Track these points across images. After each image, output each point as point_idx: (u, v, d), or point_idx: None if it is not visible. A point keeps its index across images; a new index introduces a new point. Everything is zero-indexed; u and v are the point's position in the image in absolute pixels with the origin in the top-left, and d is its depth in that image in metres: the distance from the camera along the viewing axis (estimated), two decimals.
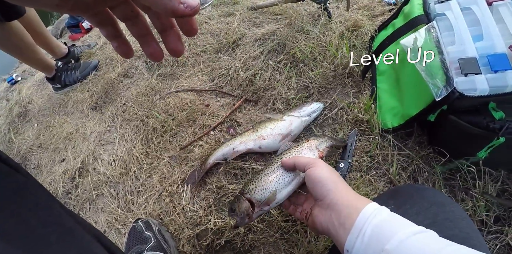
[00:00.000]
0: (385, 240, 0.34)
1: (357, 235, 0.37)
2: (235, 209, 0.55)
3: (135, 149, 1.00)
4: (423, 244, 0.33)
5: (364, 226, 0.37)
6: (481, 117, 0.51)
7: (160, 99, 1.11)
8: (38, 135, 1.35)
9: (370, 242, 0.36)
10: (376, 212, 0.38)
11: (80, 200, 0.98)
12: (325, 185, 0.44)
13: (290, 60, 0.98)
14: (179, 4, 0.21)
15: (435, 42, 0.57)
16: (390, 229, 0.35)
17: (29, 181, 0.39)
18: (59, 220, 0.39)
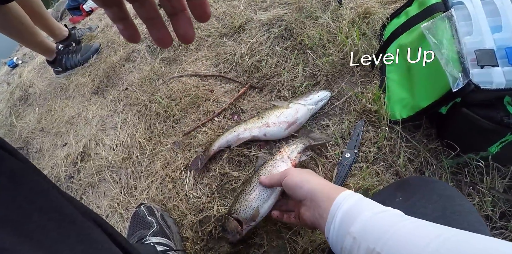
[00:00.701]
0: (350, 223, 0.37)
1: (331, 222, 0.40)
2: (226, 228, 0.62)
3: (138, 134, 0.99)
4: (383, 221, 0.35)
5: (336, 213, 0.40)
6: (495, 111, 0.50)
7: (163, 84, 1.09)
8: (39, 119, 1.34)
9: (340, 226, 0.38)
10: (347, 198, 0.41)
11: (83, 184, 0.98)
12: (301, 188, 0.49)
13: (297, 46, 0.95)
14: None
15: (453, 31, 0.55)
16: (356, 212, 0.38)
17: (25, 166, 0.38)
18: (57, 206, 0.38)
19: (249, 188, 0.63)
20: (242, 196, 0.63)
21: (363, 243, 0.34)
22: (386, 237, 0.32)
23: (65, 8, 2.17)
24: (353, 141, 0.70)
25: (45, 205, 0.36)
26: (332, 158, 0.71)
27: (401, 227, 0.33)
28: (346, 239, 0.36)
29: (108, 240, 0.42)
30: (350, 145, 0.70)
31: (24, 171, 0.36)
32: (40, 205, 0.35)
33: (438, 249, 0.27)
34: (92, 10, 2.00)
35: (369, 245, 0.33)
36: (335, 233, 0.39)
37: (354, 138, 0.70)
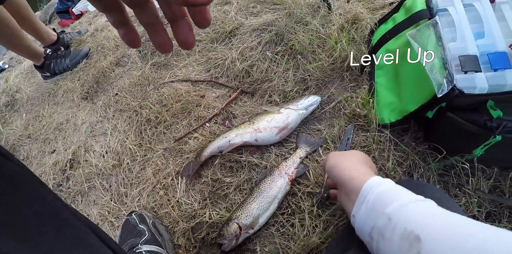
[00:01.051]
0: (386, 205, 0.38)
1: (362, 201, 0.41)
2: (223, 233, 0.64)
3: (128, 141, 0.98)
4: (423, 208, 0.36)
5: (368, 194, 0.41)
6: (479, 115, 0.51)
7: (154, 89, 1.08)
8: (27, 125, 1.31)
9: (373, 206, 0.39)
10: (380, 182, 0.42)
11: (72, 192, 0.96)
12: (331, 172, 0.52)
13: (288, 51, 0.96)
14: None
15: (437, 37, 0.57)
16: (392, 196, 0.39)
17: (22, 170, 0.38)
18: (53, 211, 0.37)
19: (251, 199, 0.67)
20: (244, 204, 0.67)
21: (400, 224, 0.34)
22: (427, 222, 0.33)
23: (54, 11, 2.14)
24: (343, 145, 0.71)
25: (43, 210, 0.36)
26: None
27: (444, 216, 0.34)
28: (379, 219, 0.37)
29: (103, 245, 0.42)
30: (340, 149, 0.71)
31: (20, 175, 0.36)
32: (37, 209, 0.35)
33: (480, 245, 0.28)
34: (82, 13, 1.98)
35: (406, 227, 0.33)
36: (365, 212, 0.40)
37: (344, 142, 0.71)
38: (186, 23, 0.25)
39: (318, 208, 0.63)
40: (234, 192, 0.75)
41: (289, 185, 0.69)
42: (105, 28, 1.61)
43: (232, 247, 0.64)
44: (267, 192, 0.67)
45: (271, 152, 0.78)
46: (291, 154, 0.74)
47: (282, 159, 0.76)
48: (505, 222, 0.54)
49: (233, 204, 0.73)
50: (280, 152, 0.78)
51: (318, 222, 0.61)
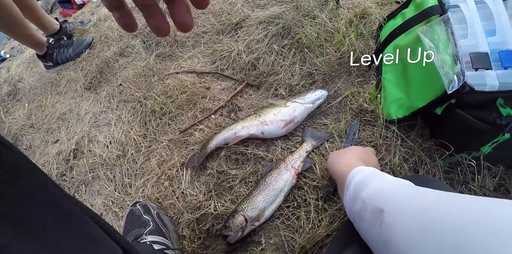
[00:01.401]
0: (362, 189, 0.41)
1: (346, 191, 0.45)
2: (229, 225, 0.65)
3: (133, 131, 0.98)
4: (392, 187, 0.39)
5: (350, 183, 0.45)
6: (488, 112, 0.52)
7: (159, 80, 1.08)
8: (29, 114, 1.31)
9: (353, 193, 0.43)
10: (361, 170, 0.46)
11: (76, 182, 0.96)
12: (330, 170, 0.57)
13: (294, 45, 0.96)
14: None
15: (449, 34, 0.57)
16: (367, 181, 0.43)
17: (22, 160, 0.37)
18: (55, 201, 0.37)
19: (257, 191, 0.68)
20: (250, 197, 0.68)
21: (370, 204, 0.37)
22: (391, 195, 0.36)
23: (56, 1, 2.11)
24: (349, 139, 0.71)
25: (44, 200, 0.35)
26: None
27: (407, 190, 0.36)
28: (356, 203, 0.40)
29: (106, 236, 0.42)
30: (346, 143, 0.71)
31: (20, 164, 0.35)
32: (38, 200, 0.35)
33: (440, 208, 0.30)
34: (84, 3, 1.95)
35: (374, 204, 0.37)
36: (349, 199, 0.43)
37: (350, 137, 0.72)
38: (183, 3, 0.24)
39: (324, 202, 0.64)
40: (240, 184, 0.75)
41: (295, 178, 0.69)
42: (108, 18, 1.58)
43: (237, 239, 0.64)
44: (273, 185, 0.68)
45: (277, 146, 0.78)
46: (297, 148, 0.75)
47: (288, 152, 0.76)
48: None
49: (238, 196, 0.73)
50: (286, 146, 0.78)
51: (324, 216, 0.62)
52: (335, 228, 0.59)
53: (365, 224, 0.38)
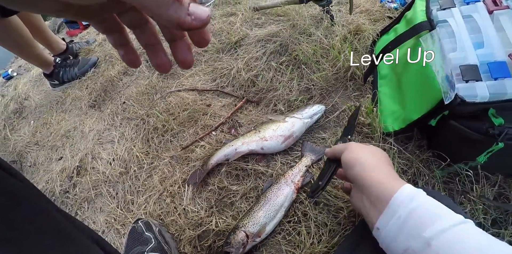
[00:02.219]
0: (424, 227, 0.34)
1: (391, 215, 0.37)
2: (230, 241, 0.64)
3: (135, 148, 0.99)
4: (466, 237, 0.33)
5: (399, 209, 0.37)
6: (481, 122, 0.53)
7: (161, 98, 1.10)
8: (34, 132, 1.33)
9: (405, 224, 0.36)
10: (412, 195, 0.38)
11: (78, 199, 0.97)
12: (352, 168, 0.45)
13: (292, 61, 0.99)
14: (186, 15, 0.18)
15: (439, 48, 0.59)
16: (430, 216, 0.35)
17: (24, 185, 0.38)
18: (55, 225, 0.38)
19: (257, 207, 0.68)
20: (251, 213, 0.67)
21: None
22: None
23: (62, 21, 2.20)
24: (349, 127, 0.65)
25: (45, 224, 0.37)
26: None
27: (496, 248, 0.32)
28: (416, 242, 0.35)
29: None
30: (345, 132, 0.65)
31: (22, 190, 0.37)
32: (40, 224, 0.36)
33: None
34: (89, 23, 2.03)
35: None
36: (396, 230, 0.37)
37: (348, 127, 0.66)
38: (185, 43, 0.25)
39: (316, 206, 0.64)
40: (241, 200, 0.76)
41: (295, 193, 0.69)
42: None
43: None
44: (273, 200, 0.68)
45: (277, 160, 0.79)
46: (296, 162, 0.75)
47: (288, 167, 0.77)
48: (511, 229, 0.55)
49: (239, 212, 0.73)
50: (286, 160, 0.79)
51: (324, 231, 0.62)
52: (336, 242, 0.59)
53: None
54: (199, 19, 0.19)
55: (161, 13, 0.18)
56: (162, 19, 0.19)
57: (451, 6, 0.66)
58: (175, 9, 0.18)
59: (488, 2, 0.62)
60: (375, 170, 0.43)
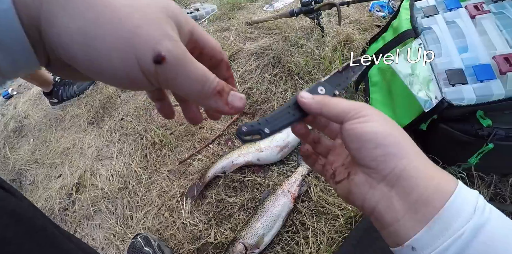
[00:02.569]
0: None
1: (441, 232, 0.22)
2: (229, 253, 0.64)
3: (134, 164, 1.00)
4: None
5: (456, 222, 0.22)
6: (470, 125, 0.53)
7: (158, 113, 1.12)
8: (34, 150, 1.34)
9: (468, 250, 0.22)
10: (482, 209, 0.23)
11: (78, 216, 0.96)
12: (382, 147, 0.26)
13: (285, 73, 1.01)
14: (224, 105, 0.21)
15: (424, 54, 0.60)
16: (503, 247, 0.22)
17: (23, 204, 0.40)
18: (54, 242, 0.39)
19: (255, 218, 0.68)
20: (249, 224, 0.67)
21: None
22: None
23: None
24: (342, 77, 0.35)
25: (43, 241, 0.38)
26: None
27: None
28: None
29: None
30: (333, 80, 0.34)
31: (23, 208, 0.38)
32: (38, 241, 0.37)
33: None
34: None
35: None
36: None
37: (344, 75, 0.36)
38: (195, 106, 0.28)
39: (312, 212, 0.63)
40: (239, 211, 0.75)
41: (292, 203, 0.69)
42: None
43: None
44: (271, 211, 0.68)
45: (273, 171, 0.79)
46: (293, 172, 0.76)
47: (284, 177, 0.77)
48: None
49: (237, 224, 0.73)
50: (282, 171, 0.79)
51: (322, 239, 0.61)
52: (334, 251, 0.58)
53: None
54: (236, 108, 0.22)
55: (203, 102, 0.21)
56: (202, 106, 0.22)
57: (435, 13, 0.68)
58: (215, 100, 0.21)
59: (470, 8, 0.64)
60: (419, 158, 0.26)
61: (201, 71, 0.20)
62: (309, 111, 0.30)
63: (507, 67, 0.51)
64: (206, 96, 0.21)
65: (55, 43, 0.18)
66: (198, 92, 0.20)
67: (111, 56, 0.18)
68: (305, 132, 0.33)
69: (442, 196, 0.23)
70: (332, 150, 0.33)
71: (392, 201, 0.25)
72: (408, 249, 0.24)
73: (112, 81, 0.20)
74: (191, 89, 0.20)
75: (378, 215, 0.26)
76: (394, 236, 0.25)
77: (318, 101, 0.29)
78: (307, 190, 0.71)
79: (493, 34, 0.58)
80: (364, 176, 0.27)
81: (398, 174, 0.25)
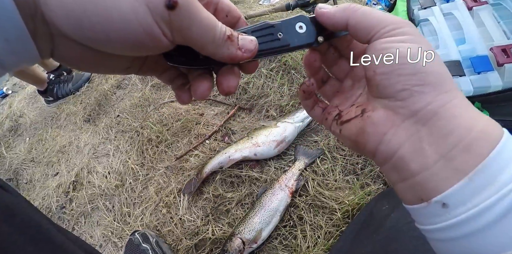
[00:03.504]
0: None
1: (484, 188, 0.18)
2: (227, 249, 0.64)
3: (130, 161, 0.99)
4: None
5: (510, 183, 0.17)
6: None
7: (154, 109, 1.11)
8: (30, 149, 1.33)
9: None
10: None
11: (75, 214, 0.96)
12: (421, 75, 0.20)
13: (282, 67, 1.00)
14: (237, 50, 0.21)
15: None
16: None
17: (17, 199, 0.40)
18: (48, 237, 0.39)
19: (252, 213, 0.68)
20: (246, 219, 0.67)
21: None
22: None
23: None
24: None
25: (38, 236, 0.38)
26: (323, 173, 0.72)
27: None
28: None
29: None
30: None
31: (16, 204, 0.38)
32: (33, 236, 0.37)
33: None
34: None
35: None
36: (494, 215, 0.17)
37: None
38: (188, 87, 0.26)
39: (315, 216, 0.63)
40: (236, 207, 0.75)
41: (290, 197, 0.69)
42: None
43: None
44: (268, 206, 0.68)
45: (271, 166, 0.79)
46: (290, 167, 0.75)
47: (282, 172, 0.77)
48: None
49: (235, 219, 0.73)
50: (280, 165, 0.79)
51: (320, 233, 0.61)
52: (331, 245, 0.58)
53: None
54: (249, 50, 0.21)
55: (216, 52, 0.20)
56: (217, 56, 0.21)
57: (432, 5, 0.68)
58: (228, 46, 0.20)
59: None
60: (462, 95, 0.21)
61: (211, 17, 0.19)
62: (331, 22, 0.23)
63: (504, 59, 0.51)
64: (219, 44, 0.20)
65: (57, 17, 0.17)
66: (211, 40, 0.19)
67: (121, 8, 0.16)
68: (318, 64, 0.27)
69: (488, 143, 0.18)
70: (339, 92, 0.28)
71: (421, 144, 0.20)
72: (437, 206, 0.18)
73: (124, 41, 0.18)
74: (205, 37, 0.19)
75: (399, 161, 0.21)
76: (419, 188, 0.20)
77: (344, 8, 0.23)
78: (305, 184, 0.71)
79: (491, 26, 0.57)
80: (386, 112, 0.22)
81: (434, 110, 0.19)
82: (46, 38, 0.18)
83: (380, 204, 0.43)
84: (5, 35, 0.16)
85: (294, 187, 0.70)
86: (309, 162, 0.74)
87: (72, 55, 0.20)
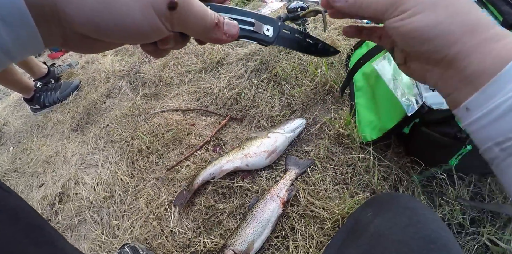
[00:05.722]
0: None
1: (493, 95, 0.23)
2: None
3: (120, 172, 0.98)
4: None
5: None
6: (449, 127, 0.56)
7: (145, 119, 1.11)
8: (14, 159, 1.29)
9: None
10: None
11: (61, 227, 0.93)
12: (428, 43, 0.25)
13: (273, 78, 1.02)
14: (222, 35, 0.25)
15: None
16: None
17: (21, 203, 0.41)
18: (51, 240, 0.41)
19: (244, 224, 0.68)
20: (238, 230, 0.67)
21: None
22: None
23: None
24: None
25: (41, 239, 0.40)
26: (313, 183, 0.73)
27: None
28: None
29: None
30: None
31: (20, 208, 0.40)
32: (36, 239, 0.39)
33: None
34: None
35: None
36: (499, 112, 0.23)
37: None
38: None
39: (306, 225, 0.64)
40: (228, 218, 0.75)
41: (281, 207, 0.70)
42: (95, 61, 1.66)
43: None
44: (260, 216, 0.68)
45: (262, 176, 0.80)
46: (281, 177, 0.76)
47: (273, 182, 0.77)
48: (489, 227, 0.56)
49: (227, 230, 0.73)
50: (271, 176, 0.80)
51: (311, 243, 0.62)
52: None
53: None
54: (232, 35, 0.26)
55: (207, 36, 0.25)
56: (206, 40, 0.26)
57: None
58: (215, 32, 0.25)
59: None
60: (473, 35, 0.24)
61: (203, 8, 0.23)
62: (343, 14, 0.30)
63: None
64: (209, 30, 0.24)
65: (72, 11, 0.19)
66: (203, 28, 0.24)
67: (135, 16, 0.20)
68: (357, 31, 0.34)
69: (499, 65, 0.23)
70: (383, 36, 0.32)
71: (448, 80, 0.26)
72: (463, 110, 0.25)
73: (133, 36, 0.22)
74: (199, 27, 0.23)
75: (439, 89, 0.28)
76: (453, 100, 0.27)
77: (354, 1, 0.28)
78: (296, 194, 0.72)
79: None
80: (419, 64, 0.28)
81: (451, 58, 0.25)
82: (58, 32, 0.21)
83: (365, 212, 0.45)
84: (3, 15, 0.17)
85: (286, 197, 0.71)
86: (300, 172, 0.75)
87: (82, 46, 0.23)
